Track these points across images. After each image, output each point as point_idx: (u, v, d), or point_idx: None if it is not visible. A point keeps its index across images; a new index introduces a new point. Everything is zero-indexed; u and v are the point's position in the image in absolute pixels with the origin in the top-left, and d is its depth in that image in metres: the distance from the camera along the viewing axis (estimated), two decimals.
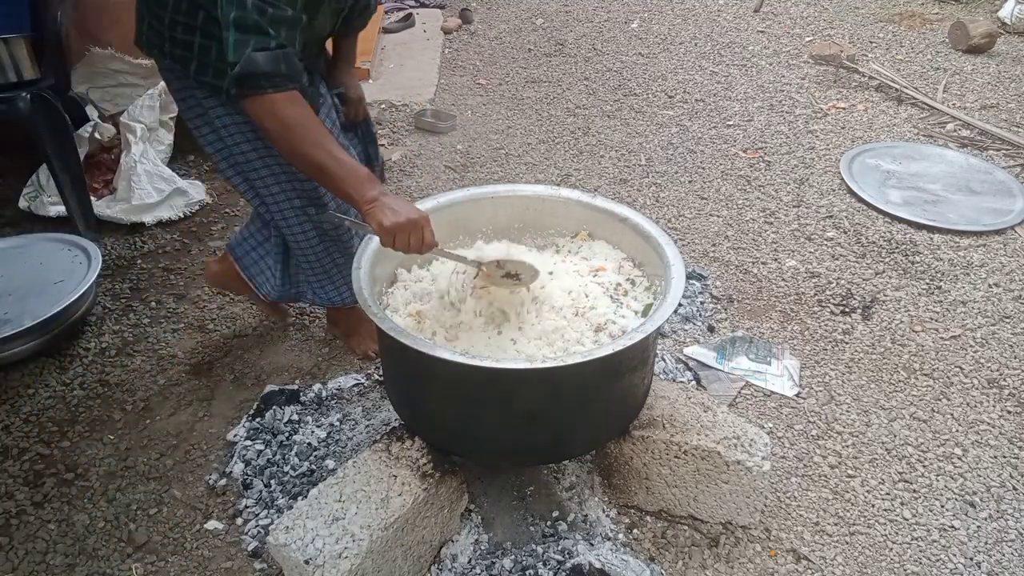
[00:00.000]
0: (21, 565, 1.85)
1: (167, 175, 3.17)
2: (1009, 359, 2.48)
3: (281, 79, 1.56)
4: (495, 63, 4.74)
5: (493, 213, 2.08)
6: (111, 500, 2.01)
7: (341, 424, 2.17)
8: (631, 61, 4.72)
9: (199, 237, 3.09)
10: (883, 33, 5.05)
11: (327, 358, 2.48)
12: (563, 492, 1.95)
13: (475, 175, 3.55)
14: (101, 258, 2.63)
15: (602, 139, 3.85)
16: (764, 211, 3.27)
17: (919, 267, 2.91)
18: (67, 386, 2.37)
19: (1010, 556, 1.89)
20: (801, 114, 4.06)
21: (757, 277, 2.87)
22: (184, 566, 1.85)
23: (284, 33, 1.57)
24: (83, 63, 3.40)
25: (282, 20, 1.57)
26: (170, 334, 2.58)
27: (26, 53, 2.72)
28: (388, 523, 1.61)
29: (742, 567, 1.85)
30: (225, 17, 1.55)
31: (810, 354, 2.51)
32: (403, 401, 1.85)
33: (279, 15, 1.56)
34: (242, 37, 1.54)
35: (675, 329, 2.60)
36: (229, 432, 2.19)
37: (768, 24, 5.25)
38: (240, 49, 1.54)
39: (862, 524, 1.96)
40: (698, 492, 1.88)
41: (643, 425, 1.86)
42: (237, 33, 1.54)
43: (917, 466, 2.12)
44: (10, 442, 2.17)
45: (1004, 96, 4.19)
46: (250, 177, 2.01)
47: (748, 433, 1.86)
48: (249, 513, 1.95)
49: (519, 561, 1.77)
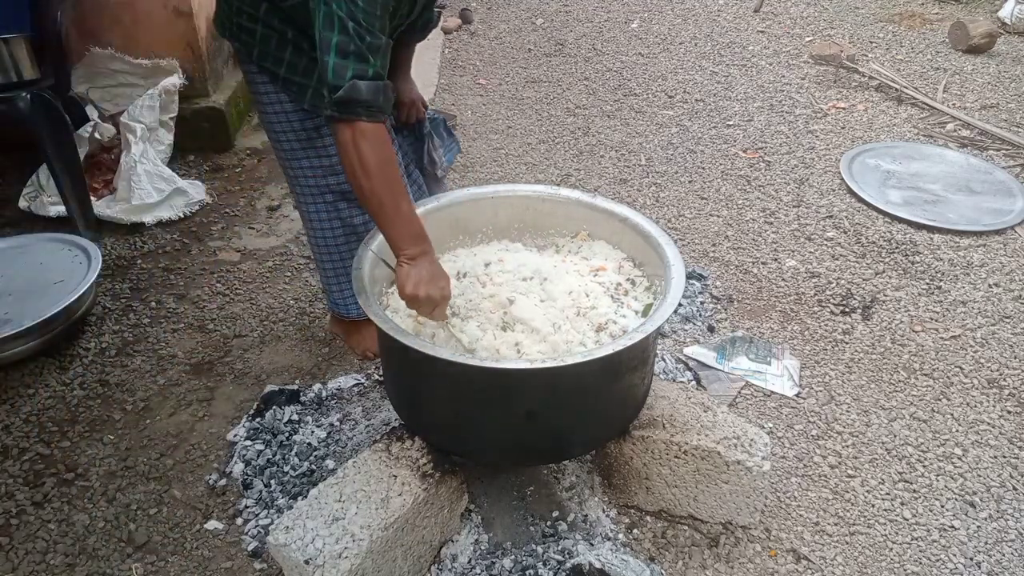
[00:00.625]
0: (21, 565, 1.85)
1: (167, 175, 3.17)
2: (1009, 359, 2.48)
3: (377, 110, 1.60)
4: (495, 63, 4.74)
5: (493, 213, 2.08)
6: (111, 500, 2.01)
7: (341, 424, 2.17)
8: (631, 61, 4.72)
9: (199, 237, 3.09)
10: (883, 33, 5.05)
11: (327, 358, 2.48)
12: (563, 492, 1.95)
13: (475, 175, 3.55)
14: (101, 258, 2.63)
15: (602, 139, 3.85)
16: (764, 211, 3.27)
17: (919, 267, 2.91)
18: (67, 386, 2.37)
19: (1010, 556, 1.89)
20: (801, 114, 4.06)
21: (757, 277, 2.87)
22: (184, 566, 1.85)
23: (380, 61, 1.60)
24: (83, 63, 3.40)
25: (378, 48, 1.59)
26: (170, 334, 2.58)
27: (26, 53, 2.72)
28: (388, 523, 1.61)
29: (742, 567, 1.85)
30: (325, 40, 1.57)
31: (810, 354, 2.51)
32: (403, 401, 1.85)
33: (376, 44, 1.59)
34: (342, 62, 1.56)
35: (675, 329, 2.60)
36: (229, 432, 2.19)
37: (768, 24, 5.25)
38: (340, 73, 1.56)
39: (862, 524, 1.96)
40: (698, 492, 1.88)
41: (643, 425, 1.86)
42: (337, 58, 1.56)
43: (917, 466, 2.12)
44: (10, 442, 2.18)
45: (1004, 96, 4.19)
46: (292, 166, 2.10)
47: (748, 433, 1.86)
48: (249, 513, 1.95)
49: (519, 561, 1.77)
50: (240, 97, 3.87)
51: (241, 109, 3.89)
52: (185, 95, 3.45)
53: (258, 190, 3.42)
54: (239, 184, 3.45)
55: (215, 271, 2.89)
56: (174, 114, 3.38)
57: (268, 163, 3.61)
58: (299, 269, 2.91)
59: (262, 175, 3.53)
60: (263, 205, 3.31)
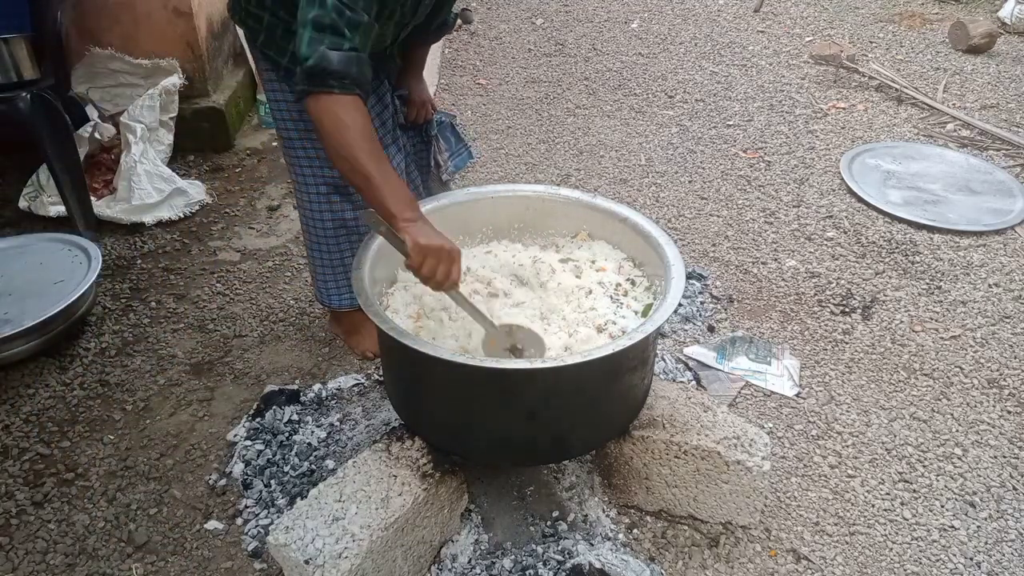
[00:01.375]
0: (21, 565, 1.85)
1: (167, 175, 3.17)
2: (1009, 359, 2.48)
3: (350, 81, 1.59)
4: (495, 63, 4.74)
5: (493, 213, 2.08)
6: (111, 500, 2.01)
7: (341, 424, 2.17)
8: (631, 61, 4.72)
9: (199, 237, 3.09)
10: (883, 33, 5.05)
11: (327, 358, 2.48)
12: (563, 492, 1.95)
13: (475, 175, 3.55)
14: (101, 258, 2.63)
15: (602, 139, 3.85)
16: (764, 211, 3.27)
17: (919, 267, 2.91)
18: (67, 386, 2.37)
19: (1010, 556, 1.89)
20: (801, 114, 4.06)
21: (757, 277, 2.87)
22: (184, 566, 1.85)
23: (358, 38, 1.60)
24: (83, 63, 3.40)
25: (357, 25, 1.59)
26: (170, 334, 2.58)
27: (26, 53, 2.72)
28: (388, 523, 1.61)
29: (742, 567, 1.85)
30: (304, 14, 1.58)
31: (810, 354, 2.51)
32: (403, 401, 1.85)
33: (355, 19, 1.59)
34: (317, 35, 1.57)
35: (675, 329, 2.60)
36: (229, 432, 2.19)
37: (768, 24, 5.25)
38: (313, 46, 1.57)
39: (862, 524, 1.96)
40: (698, 492, 1.88)
41: (643, 425, 1.86)
42: (313, 31, 1.57)
43: (917, 466, 2.12)
44: (10, 442, 2.18)
45: (1004, 96, 4.19)
46: (290, 153, 2.12)
47: (748, 433, 1.86)
48: (249, 513, 1.95)
49: (519, 561, 1.77)
50: (240, 97, 3.87)
51: (241, 109, 3.89)
52: (185, 95, 3.45)
53: (258, 190, 3.42)
54: (239, 184, 3.45)
55: (215, 271, 2.89)
56: (174, 114, 3.38)
57: (268, 163, 3.61)
58: (299, 269, 2.91)
59: (262, 175, 3.53)
60: (263, 205, 3.31)
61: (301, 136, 2.05)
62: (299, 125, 2.03)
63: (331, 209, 2.14)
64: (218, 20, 3.74)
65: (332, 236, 2.19)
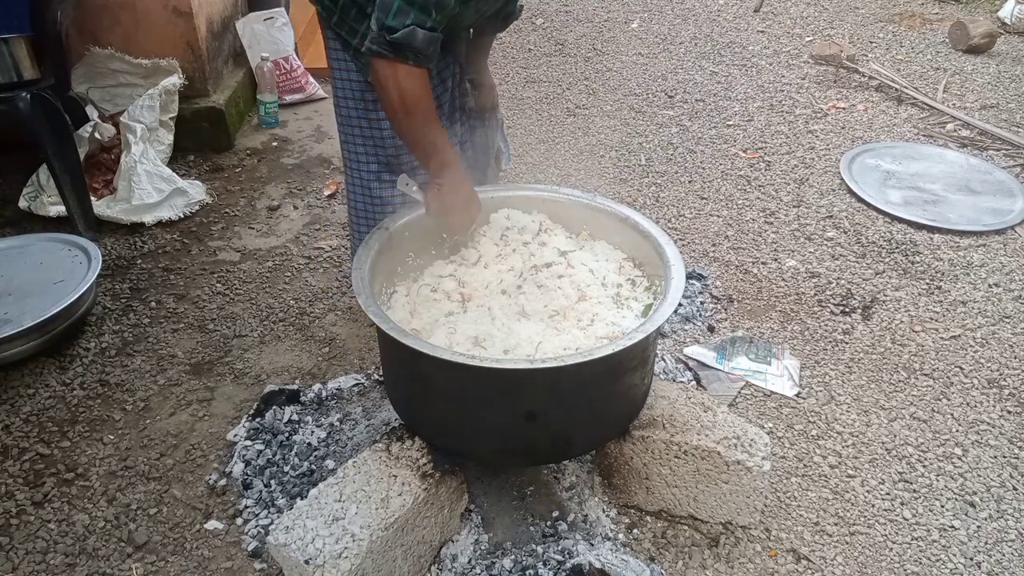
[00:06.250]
0: (21, 565, 1.85)
1: (167, 175, 3.17)
2: (1009, 359, 2.48)
3: (424, 58, 1.71)
4: (495, 63, 4.72)
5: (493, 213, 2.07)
6: (111, 500, 2.01)
7: (341, 424, 2.17)
8: (631, 61, 4.72)
9: (199, 237, 3.09)
10: (883, 33, 5.05)
11: (327, 358, 2.48)
12: (563, 492, 1.95)
13: None
14: (101, 258, 2.63)
15: (602, 139, 3.85)
16: (764, 211, 3.27)
17: (919, 267, 2.91)
18: (67, 386, 2.36)
19: (1010, 556, 1.89)
20: (801, 114, 4.06)
21: (757, 277, 2.87)
22: (184, 566, 1.85)
23: (440, 18, 1.70)
24: (83, 63, 3.40)
25: (444, 7, 1.69)
26: (170, 334, 2.58)
27: (26, 53, 2.73)
28: (388, 523, 1.61)
29: (742, 567, 1.85)
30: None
31: (810, 354, 2.51)
32: (403, 401, 1.85)
33: (442, 2, 1.68)
34: (406, 7, 1.66)
35: (675, 329, 2.60)
36: (229, 432, 2.19)
37: (768, 24, 5.25)
38: (401, 18, 1.66)
39: (862, 524, 1.96)
40: (698, 492, 1.88)
41: (643, 425, 1.86)
42: (402, 2, 1.65)
43: (917, 466, 2.12)
44: (10, 442, 2.17)
45: (1004, 96, 4.19)
46: (344, 130, 2.19)
47: (748, 433, 1.86)
48: (249, 513, 1.95)
49: (519, 561, 1.77)
50: (240, 97, 3.87)
51: (241, 109, 3.89)
52: (185, 95, 3.45)
53: (258, 190, 3.42)
54: (239, 184, 3.45)
55: (215, 271, 2.89)
56: (174, 114, 3.38)
57: (268, 163, 3.61)
58: (299, 269, 2.91)
59: (262, 175, 3.53)
60: (263, 205, 3.31)
61: (359, 115, 2.12)
62: (359, 104, 2.10)
63: (380, 185, 2.21)
64: (218, 20, 3.74)
65: (380, 213, 2.24)
